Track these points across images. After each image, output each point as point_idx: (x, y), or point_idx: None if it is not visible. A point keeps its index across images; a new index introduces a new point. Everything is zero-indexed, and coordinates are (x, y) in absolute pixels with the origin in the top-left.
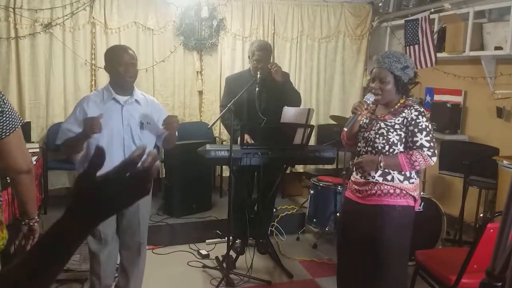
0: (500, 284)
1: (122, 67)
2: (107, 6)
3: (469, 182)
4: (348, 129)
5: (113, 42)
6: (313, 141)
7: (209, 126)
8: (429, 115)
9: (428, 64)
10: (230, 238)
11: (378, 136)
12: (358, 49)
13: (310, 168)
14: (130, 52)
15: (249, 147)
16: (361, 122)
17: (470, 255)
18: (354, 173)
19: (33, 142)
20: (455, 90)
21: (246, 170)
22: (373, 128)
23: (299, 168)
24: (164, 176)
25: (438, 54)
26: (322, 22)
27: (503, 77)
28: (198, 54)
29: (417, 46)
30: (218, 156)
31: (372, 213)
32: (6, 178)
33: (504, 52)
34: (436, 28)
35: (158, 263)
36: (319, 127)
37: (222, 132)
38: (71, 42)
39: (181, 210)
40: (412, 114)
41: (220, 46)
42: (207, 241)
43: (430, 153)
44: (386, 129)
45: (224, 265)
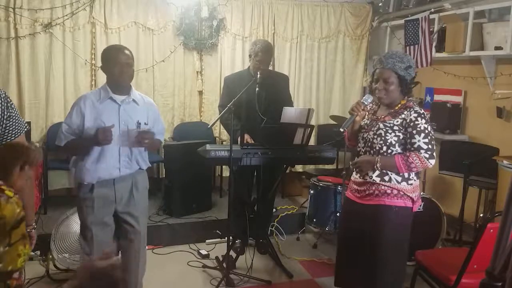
0: (500, 284)
1: (117, 67)
2: (107, 6)
3: (469, 182)
4: (348, 129)
5: (113, 42)
6: (313, 141)
7: (209, 126)
8: (429, 116)
9: (424, 64)
10: (230, 238)
11: (376, 137)
12: (358, 49)
13: (310, 168)
14: (126, 52)
15: (249, 147)
16: (362, 123)
17: (470, 255)
18: (354, 173)
19: (33, 142)
20: (455, 90)
21: (246, 170)
22: (372, 129)
23: (299, 168)
24: (164, 176)
25: (438, 54)
26: (322, 22)
27: (503, 77)
28: (198, 54)
29: (417, 46)
30: (218, 156)
31: (370, 213)
32: None
33: (504, 52)
34: (436, 28)
35: (158, 263)
36: (319, 127)
37: (222, 132)
38: (71, 42)
39: (181, 210)
40: (411, 115)
41: (220, 46)
42: (207, 241)
43: (428, 155)
44: (384, 130)
45: (224, 265)
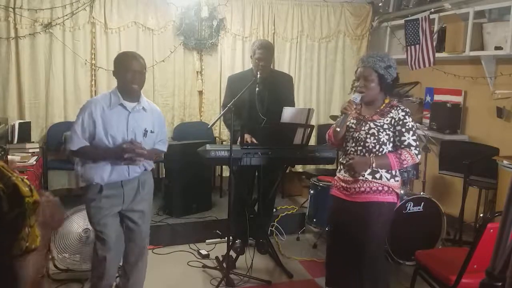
0: (500, 284)
1: (130, 74)
2: (107, 6)
3: (469, 182)
4: (338, 131)
5: (113, 42)
6: (313, 141)
7: (209, 126)
8: (428, 115)
9: (426, 64)
10: (230, 238)
11: (369, 136)
12: (358, 49)
13: (310, 168)
14: (141, 60)
15: (249, 147)
16: (348, 123)
17: (470, 255)
18: (342, 171)
19: (33, 142)
20: (455, 90)
21: (246, 170)
22: (363, 128)
23: (299, 168)
24: (164, 176)
25: (438, 54)
26: (322, 22)
27: (503, 77)
28: (198, 54)
29: (418, 46)
30: (218, 156)
31: (360, 210)
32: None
33: (504, 52)
34: (436, 28)
35: (158, 263)
36: (319, 127)
37: (222, 132)
38: (71, 42)
39: (181, 210)
40: (399, 114)
41: (220, 46)
42: (207, 241)
43: (417, 151)
44: (376, 129)
45: (224, 265)
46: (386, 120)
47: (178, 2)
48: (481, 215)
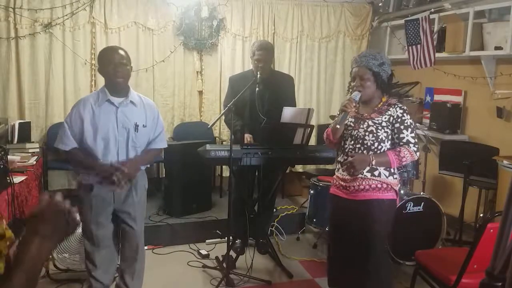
0: (500, 284)
1: (111, 67)
2: (107, 6)
3: (469, 182)
4: (338, 128)
5: (113, 42)
6: (313, 141)
7: (209, 126)
8: (428, 114)
9: (427, 64)
10: (230, 238)
11: (367, 133)
12: (358, 49)
13: (310, 168)
14: (121, 52)
15: (249, 147)
16: (346, 122)
17: (470, 255)
18: (340, 169)
19: (33, 142)
20: (455, 90)
21: (246, 170)
22: (361, 126)
23: (299, 168)
24: (164, 176)
25: (438, 54)
26: (322, 22)
27: (503, 77)
28: (198, 54)
29: (419, 46)
30: (218, 156)
31: (361, 208)
32: (7, 177)
33: (504, 52)
34: (436, 28)
35: (158, 263)
36: (319, 127)
37: (222, 132)
38: (71, 42)
39: (181, 210)
40: (397, 112)
41: (220, 46)
42: (207, 241)
43: (416, 148)
44: (375, 127)
45: (224, 265)
46: (384, 118)
47: (178, 2)
48: (481, 215)
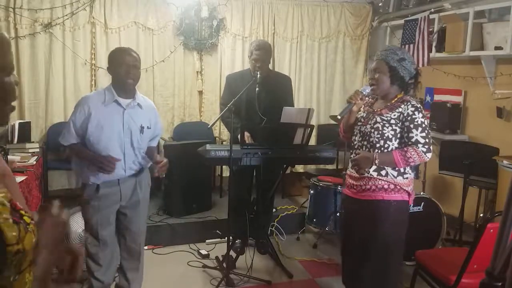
0: (500, 284)
1: (123, 69)
2: (107, 6)
3: (469, 182)
4: (344, 120)
5: (113, 42)
6: (313, 141)
7: (209, 126)
8: (428, 114)
9: (420, 64)
10: (230, 238)
11: (373, 130)
12: (358, 49)
13: (310, 168)
14: (134, 54)
15: (249, 147)
16: (358, 115)
17: (470, 255)
18: (349, 167)
19: (33, 142)
20: (455, 90)
21: (246, 170)
22: (369, 122)
23: (299, 168)
24: (164, 176)
25: (438, 54)
26: (322, 22)
27: (503, 77)
28: (198, 54)
29: (412, 45)
30: (218, 156)
31: (368, 208)
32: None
33: (504, 52)
34: (436, 28)
35: (158, 263)
36: (319, 127)
37: (222, 132)
38: (71, 42)
39: (181, 210)
40: (408, 109)
41: (220, 46)
42: (207, 241)
43: (425, 149)
44: (381, 123)
45: (224, 265)
46: (394, 115)
47: (178, 2)
48: (481, 215)
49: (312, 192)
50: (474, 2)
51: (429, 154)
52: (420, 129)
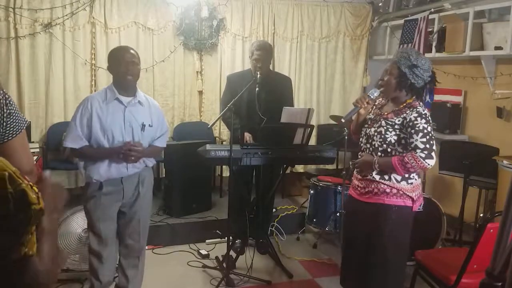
0: (500, 284)
1: (123, 66)
2: (107, 6)
3: (469, 182)
4: (354, 121)
5: (113, 42)
6: (313, 141)
7: (209, 126)
8: (429, 115)
9: None
10: (230, 238)
11: (376, 134)
12: (358, 49)
13: (310, 168)
14: (132, 51)
15: (249, 147)
16: (367, 117)
17: (470, 255)
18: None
19: (33, 142)
20: (455, 90)
21: (246, 170)
22: (374, 125)
23: (299, 168)
24: (164, 176)
25: (438, 54)
26: (322, 22)
27: (503, 77)
28: (198, 54)
29: (410, 45)
30: (218, 156)
31: (370, 212)
32: None
33: (504, 52)
34: (436, 28)
35: (158, 263)
36: (319, 127)
37: (222, 132)
38: (71, 42)
39: (181, 210)
40: (411, 115)
41: (220, 46)
42: (207, 241)
43: (424, 154)
44: (385, 128)
45: (224, 265)
46: (398, 120)
47: (178, 2)
48: (481, 215)
49: (312, 192)
50: (474, 2)
51: (429, 161)
52: (420, 134)
